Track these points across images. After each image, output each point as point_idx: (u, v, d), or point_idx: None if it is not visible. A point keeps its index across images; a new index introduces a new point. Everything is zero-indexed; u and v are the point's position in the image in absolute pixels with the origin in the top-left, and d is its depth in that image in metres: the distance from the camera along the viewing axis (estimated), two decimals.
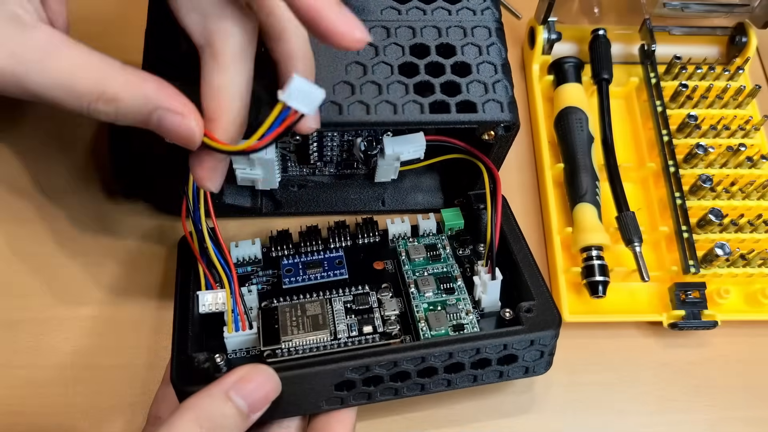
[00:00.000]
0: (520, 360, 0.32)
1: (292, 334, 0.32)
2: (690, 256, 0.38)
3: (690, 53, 0.45)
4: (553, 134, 0.44)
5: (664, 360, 0.38)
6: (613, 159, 0.41)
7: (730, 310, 0.39)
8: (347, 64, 0.32)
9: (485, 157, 0.34)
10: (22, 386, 0.35)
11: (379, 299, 0.34)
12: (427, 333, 0.32)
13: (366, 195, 0.39)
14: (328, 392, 0.30)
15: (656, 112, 0.43)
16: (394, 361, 0.30)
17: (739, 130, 0.43)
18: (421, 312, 0.33)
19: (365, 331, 0.32)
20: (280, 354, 0.31)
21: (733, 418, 0.37)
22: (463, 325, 0.33)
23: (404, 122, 0.31)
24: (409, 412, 0.35)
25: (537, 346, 0.31)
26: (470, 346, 0.30)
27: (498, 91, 0.32)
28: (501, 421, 0.36)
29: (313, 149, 0.36)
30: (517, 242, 0.35)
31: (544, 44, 0.45)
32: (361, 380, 0.30)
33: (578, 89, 0.44)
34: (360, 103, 0.31)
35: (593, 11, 0.49)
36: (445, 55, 0.33)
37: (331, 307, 0.33)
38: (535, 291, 0.33)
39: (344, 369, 0.29)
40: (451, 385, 0.32)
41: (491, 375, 0.32)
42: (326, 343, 0.32)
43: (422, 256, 0.36)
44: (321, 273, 0.35)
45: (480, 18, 0.34)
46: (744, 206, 0.41)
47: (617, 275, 0.39)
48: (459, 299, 0.34)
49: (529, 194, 0.43)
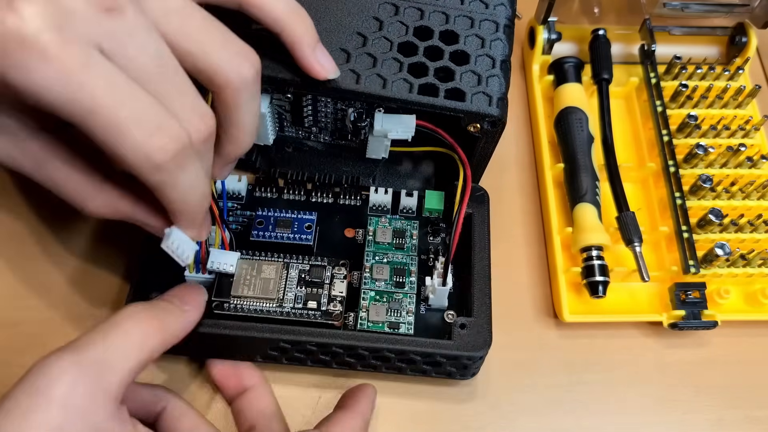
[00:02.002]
0: (443, 367, 0.33)
1: (242, 293, 0.34)
2: (690, 256, 0.38)
3: (690, 53, 0.45)
4: (553, 134, 0.44)
5: (664, 360, 0.38)
6: (613, 159, 0.41)
7: (730, 310, 0.39)
8: (349, 33, 0.32)
9: (462, 153, 0.34)
10: None
11: (332, 275, 0.35)
12: (365, 324, 0.34)
13: (358, 169, 0.40)
14: (263, 351, 0.33)
15: (656, 112, 0.43)
16: (324, 344, 0.32)
17: (739, 130, 0.43)
18: (366, 300, 0.34)
19: (309, 305, 0.34)
20: (227, 308, 0.33)
21: (733, 418, 0.37)
22: (399, 324, 0.34)
23: (390, 98, 0.32)
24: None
25: (461, 361, 0.33)
26: (398, 348, 0.32)
27: (490, 86, 0.32)
28: (501, 421, 0.36)
29: (308, 112, 0.36)
30: (480, 252, 0.36)
31: (544, 44, 0.45)
32: (294, 350, 0.33)
33: (578, 89, 0.44)
34: (351, 72, 0.32)
35: (593, 11, 0.49)
36: (447, 41, 0.33)
37: (287, 273, 0.35)
38: (477, 308, 0.34)
39: (278, 339, 0.32)
40: (377, 370, 0.34)
41: (415, 371, 0.34)
42: (270, 308, 0.34)
43: (387, 241, 0.37)
44: (288, 234, 0.36)
45: (491, 12, 0.34)
46: (744, 206, 0.41)
47: (617, 275, 0.39)
48: (405, 295, 0.35)
49: (529, 194, 0.43)
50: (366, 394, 0.34)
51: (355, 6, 0.33)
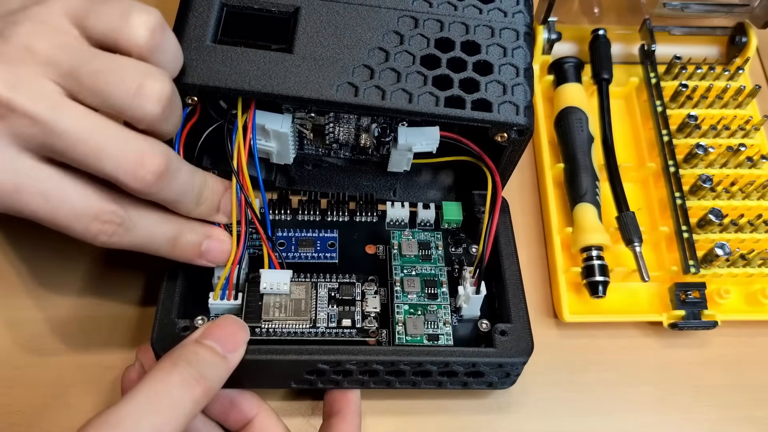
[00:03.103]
0: (486, 377, 0.33)
1: (273, 315, 0.32)
2: (690, 256, 0.38)
3: (690, 53, 0.45)
4: (553, 134, 0.44)
5: (664, 360, 0.38)
6: (613, 159, 0.41)
7: (730, 310, 0.39)
8: (370, 49, 0.32)
9: (491, 163, 0.34)
10: (22, 386, 0.35)
11: (363, 292, 0.35)
12: (403, 338, 0.33)
13: (378, 183, 0.39)
14: (299, 376, 0.32)
15: (656, 112, 0.43)
16: (365, 362, 0.31)
17: (739, 130, 0.43)
18: (401, 314, 0.34)
19: (344, 324, 0.33)
20: (259, 333, 0.32)
21: (734, 418, 0.37)
22: (439, 335, 0.33)
23: (418, 112, 0.31)
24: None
25: (505, 368, 0.32)
26: (441, 360, 0.31)
27: (516, 94, 0.32)
28: (500, 421, 0.36)
29: (329, 129, 0.36)
30: (509, 258, 0.35)
31: (544, 44, 0.45)
32: (331, 371, 0.31)
33: (578, 89, 0.44)
34: (376, 88, 0.31)
35: (593, 11, 0.49)
36: (469, 52, 0.33)
37: (316, 292, 0.34)
38: (514, 314, 0.33)
39: (317, 360, 0.31)
40: (416, 386, 0.33)
41: (456, 384, 0.33)
42: (304, 330, 0.33)
43: (414, 254, 0.36)
44: (312, 253, 0.36)
45: (510, 20, 0.34)
46: (744, 206, 0.41)
47: (617, 275, 0.39)
48: (440, 306, 0.34)
49: (529, 194, 0.43)
50: (352, 392, 0.33)
51: (374, 21, 0.33)
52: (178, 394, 0.25)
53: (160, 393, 0.25)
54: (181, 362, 0.26)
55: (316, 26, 0.32)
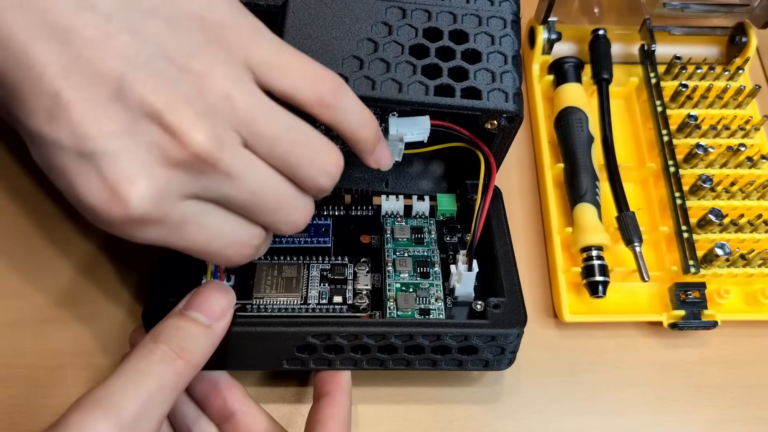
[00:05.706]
0: (481, 353, 0.33)
1: (264, 292, 0.34)
2: (690, 256, 0.38)
3: (690, 53, 0.45)
4: (553, 134, 0.44)
5: (664, 360, 0.38)
6: (613, 159, 0.42)
7: (730, 310, 0.39)
8: (359, 40, 0.32)
9: (485, 146, 0.34)
10: (22, 386, 0.35)
11: (355, 272, 0.35)
12: (394, 312, 0.34)
13: (370, 175, 0.40)
14: (290, 352, 0.32)
15: (656, 112, 0.43)
16: (356, 334, 0.31)
17: (739, 130, 0.43)
18: (392, 291, 0.34)
19: (335, 300, 0.34)
20: (250, 309, 0.33)
21: (734, 418, 0.37)
22: (430, 310, 0.34)
23: (408, 101, 0.32)
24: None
25: (498, 342, 0.32)
26: (431, 331, 0.31)
27: (505, 82, 0.32)
28: (500, 421, 0.36)
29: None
30: (501, 238, 0.36)
31: (544, 44, 0.45)
32: (322, 346, 0.32)
33: (578, 89, 0.44)
34: (366, 79, 0.31)
35: (593, 11, 0.49)
36: (458, 41, 0.33)
37: (308, 272, 0.35)
38: (507, 288, 0.34)
39: (307, 333, 0.31)
40: (410, 365, 0.33)
41: (450, 362, 0.33)
42: (295, 306, 0.34)
43: (406, 237, 0.37)
44: (306, 238, 0.36)
45: (497, 9, 0.34)
46: (744, 206, 0.41)
47: (617, 275, 0.39)
48: (432, 284, 0.35)
49: (529, 194, 0.43)
50: (342, 373, 0.33)
51: (362, 12, 0.33)
52: (160, 369, 0.26)
53: (143, 370, 0.26)
54: (162, 338, 0.27)
55: (304, 19, 0.32)
